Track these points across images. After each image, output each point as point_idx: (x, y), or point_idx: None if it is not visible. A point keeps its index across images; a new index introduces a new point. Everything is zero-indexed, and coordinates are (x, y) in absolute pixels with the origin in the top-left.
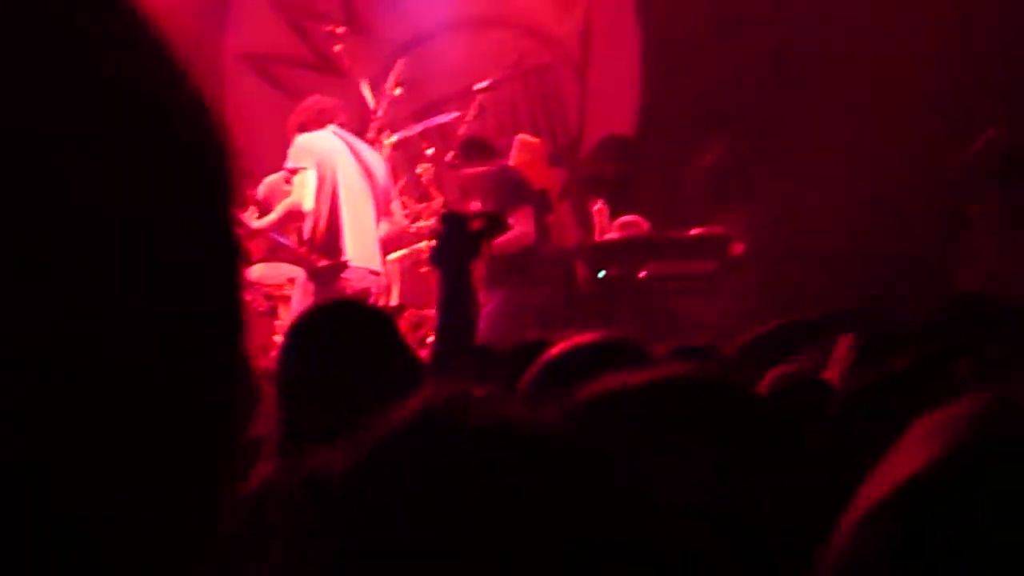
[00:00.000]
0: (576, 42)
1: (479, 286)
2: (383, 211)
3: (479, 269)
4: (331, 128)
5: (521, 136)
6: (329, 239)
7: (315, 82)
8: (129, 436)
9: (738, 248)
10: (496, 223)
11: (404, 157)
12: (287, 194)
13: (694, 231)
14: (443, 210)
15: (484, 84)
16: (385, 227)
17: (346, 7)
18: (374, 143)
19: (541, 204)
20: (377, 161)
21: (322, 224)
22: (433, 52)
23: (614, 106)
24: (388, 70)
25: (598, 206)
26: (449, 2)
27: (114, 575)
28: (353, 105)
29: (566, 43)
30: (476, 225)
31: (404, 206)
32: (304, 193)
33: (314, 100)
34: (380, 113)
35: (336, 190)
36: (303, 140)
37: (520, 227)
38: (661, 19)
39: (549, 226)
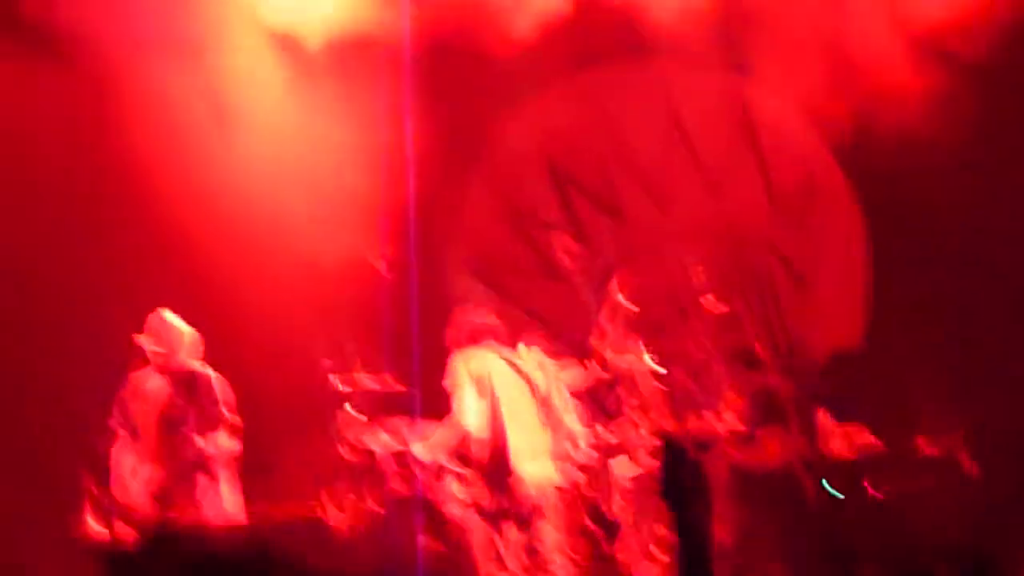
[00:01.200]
0: (799, 251)
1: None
2: (550, 420)
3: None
4: (488, 343)
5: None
6: (495, 456)
7: (539, 290)
8: None
9: (966, 463)
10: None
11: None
12: None
13: (924, 446)
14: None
15: (713, 300)
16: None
17: (571, 217)
18: (595, 351)
19: (801, 425)
20: (534, 371)
21: (486, 443)
22: (655, 261)
23: (838, 316)
24: (609, 279)
25: (823, 417)
26: (671, 214)
27: None
28: (572, 313)
29: (788, 252)
30: (696, 462)
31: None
32: (466, 412)
33: (467, 316)
34: (603, 321)
35: (497, 408)
36: (463, 359)
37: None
38: (889, 236)
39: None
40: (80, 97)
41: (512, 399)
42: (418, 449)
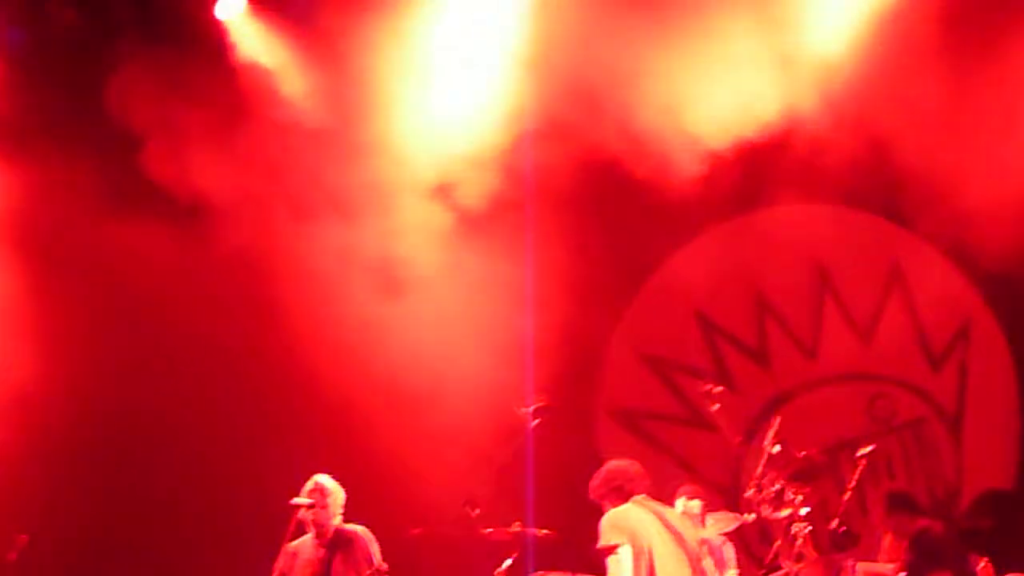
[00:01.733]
0: (951, 394)
1: None
2: (697, 573)
3: None
4: (637, 499)
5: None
6: None
7: (686, 437)
8: None
9: None
10: None
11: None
12: None
13: None
14: None
15: (868, 449)
16: None
17: (718, 364)
18: (753, 502)
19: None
20: (683, 524)
21: None
22: (802, 407)
23: (992, 459)
24: (758, 427)
25: (983, 564)
26: (819, 357)
27: None
28: (723, 461)
29: (940, 396)
30: None
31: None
32: (622, 571)
33: (616, 470)
34: (759, 471)
35: (652, 564)
36: (613, 517)
37: None
38: None
39: None
40: (236, 265)
41: (664, 555)
42: None
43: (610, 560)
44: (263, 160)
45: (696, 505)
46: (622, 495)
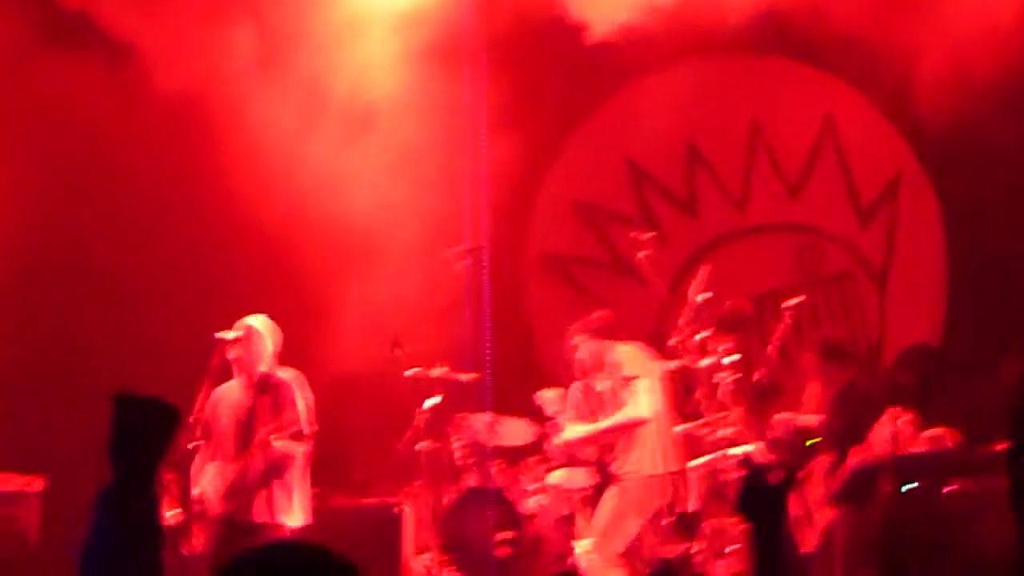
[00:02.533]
0: (878, 249)
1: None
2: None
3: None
4: (636, 343)
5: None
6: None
7: (613, 285)
8: None
9: None
10: (792, 477)
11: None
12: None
13: (1000, 447)
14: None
15: (795, 300)
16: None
17: (646, 213)
18: (677, 350)
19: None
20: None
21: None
22: (729, 256)
23: (917, 315)
24: (684, 275)
25: (904, 418)
26: (749, 208)
27: None
28: (649, 309)
29: (867, 249)
30: (775, 477)
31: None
32: (642, 401)
33: (603, 315)
34: (683, 320)
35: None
36: (629, 350)
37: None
38: (969, 232)
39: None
40: (181, 107)
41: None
42: (572, 433)
43: (632, 388)
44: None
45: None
46: (605, 337)
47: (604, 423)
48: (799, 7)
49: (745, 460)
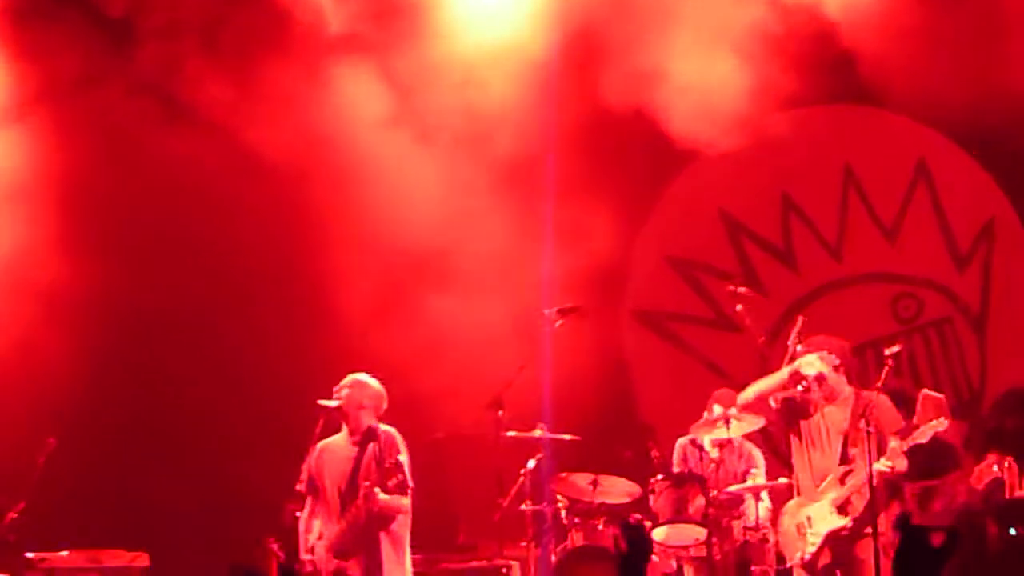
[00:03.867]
0: (975, 294)
1: None
2: None
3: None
4: None
5: (925, 391)
6: None
7: (711, 338)
8: None
9: None
10: (954, 541)
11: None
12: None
13: None
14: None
15: (896, 348)
16: None
17: (744, 264)
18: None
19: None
20: None
21: None
22: (828, 307)
23: (1016, 358)
24: (784, 326)
25: (1008, 462)
26: (845, 256)
27: None
28: (748, 361)
29: (965, 295)
30: (938, 540)
31: None
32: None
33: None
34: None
35: None
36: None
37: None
38: None
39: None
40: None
41: None
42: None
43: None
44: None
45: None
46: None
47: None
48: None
49: (902, 520)
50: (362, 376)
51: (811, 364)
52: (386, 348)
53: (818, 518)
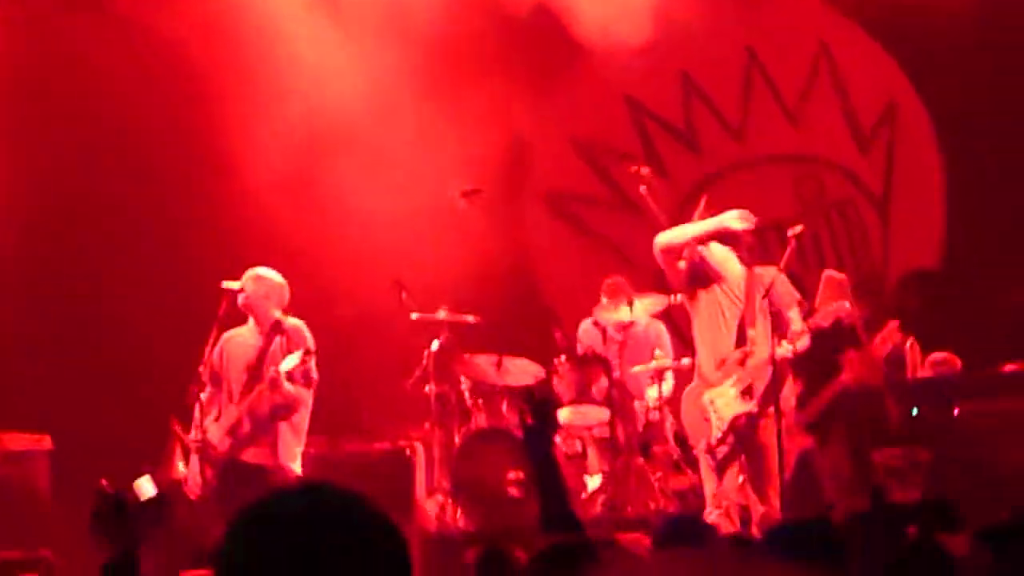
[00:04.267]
0: (878, 177)
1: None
2: None
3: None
4: None
5: (828, 272)
6: None
7: (615, 220)
8: None
9: None
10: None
11: None
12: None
13: (1008, 367)
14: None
15: (797, 230)
16: None
17: (647, 147)
18: None
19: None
20: None
21: None
22: (731, 188)
23: (918, 240)
24: (687, 208)
25: (910, 342)
26: (748, 138)
27: None
28: (651, 243)
29: (867, 178)
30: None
31: None
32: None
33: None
34: (686, 253)
35: None
36: None
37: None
38: (965, 155)
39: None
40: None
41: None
42: None
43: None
44: None
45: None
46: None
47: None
48: None
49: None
50: (264, 270)
51: (738, 220)
52: (292, 228)
53: (721, 403)
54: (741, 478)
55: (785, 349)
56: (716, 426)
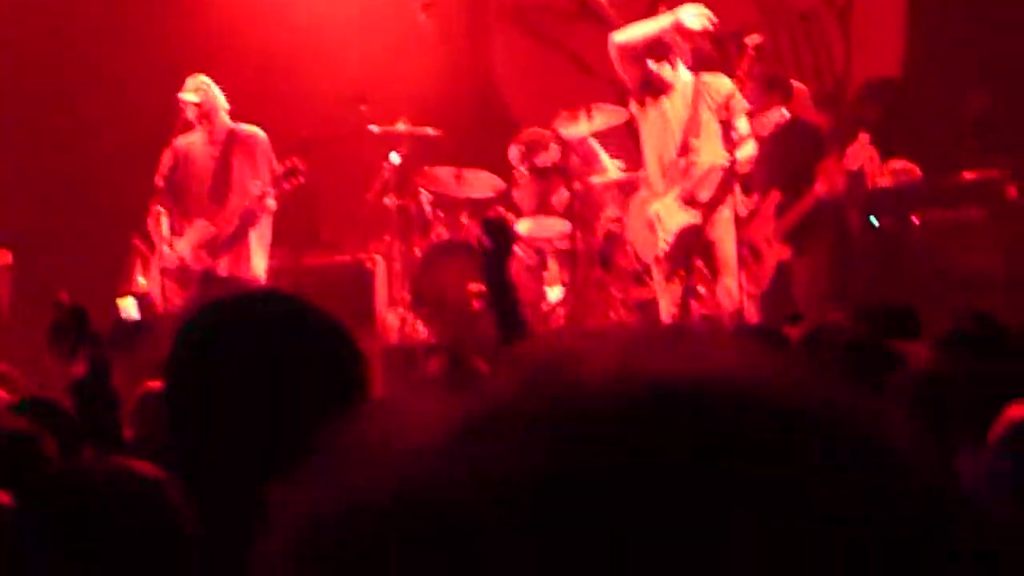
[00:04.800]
0: None
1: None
2: None
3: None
4: None
5: (790, 82)
6: None
7: (577, 31)
8: None
9: (1012, 192)
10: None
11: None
12: None
13: (967, 176)
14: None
15: (756, 39)
16: None
17: None
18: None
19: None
20: None
21: None
22: None
23: (879, 49)
24: (649, 15)
25: (870, 152)
26: None
27: None
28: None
29: None
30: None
31: None
32: None
33: None
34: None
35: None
36: None
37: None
38: None
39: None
40: None
41: None
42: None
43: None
44: None
45: None
46: None
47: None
48: None
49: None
50: (205, 77)
51: (694, 17)
52: (253, 38)
53: (667, 215)
54: (702, 289)
55: (723, 159)
56: (662, 238)
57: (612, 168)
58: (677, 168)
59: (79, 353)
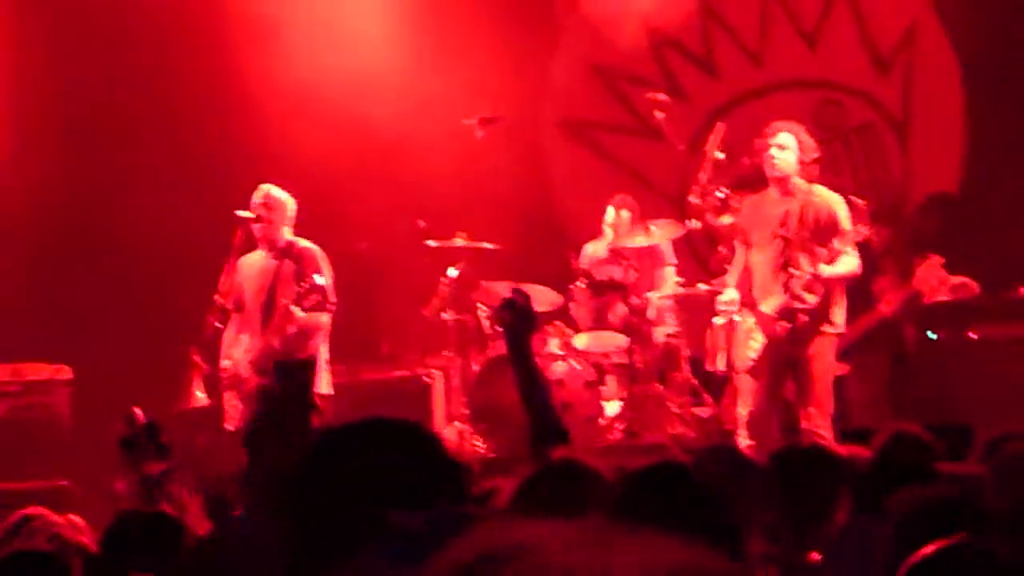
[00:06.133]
0: (897, 100)
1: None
2: None
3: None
4: None
5: (849, 198)
6: None
7: (633, 146)
8: None
9: None
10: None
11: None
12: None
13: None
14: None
15: (815, 155)
16: None
17: (665, 72)
18: (698, 208)
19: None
20: None
21: None
22: (750, 114)
23: (937, 163)
24: (705, 134)
25: (939, 275)
26: (766, 64)
27: None
28: (669, 169)
29: (887, 101)
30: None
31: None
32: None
33: None
34: (703, 177)
35: None
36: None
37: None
38: (984, 77)
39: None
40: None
41: None
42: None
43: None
44: None
45: (626, 215)
46: None
47: (841, 269)
48: None
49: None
50: (273, 189)
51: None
52: (310, 156)
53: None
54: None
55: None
56: (752, 347)
57: (670, 282)
58: (776, 282)
59: (150, 464)
